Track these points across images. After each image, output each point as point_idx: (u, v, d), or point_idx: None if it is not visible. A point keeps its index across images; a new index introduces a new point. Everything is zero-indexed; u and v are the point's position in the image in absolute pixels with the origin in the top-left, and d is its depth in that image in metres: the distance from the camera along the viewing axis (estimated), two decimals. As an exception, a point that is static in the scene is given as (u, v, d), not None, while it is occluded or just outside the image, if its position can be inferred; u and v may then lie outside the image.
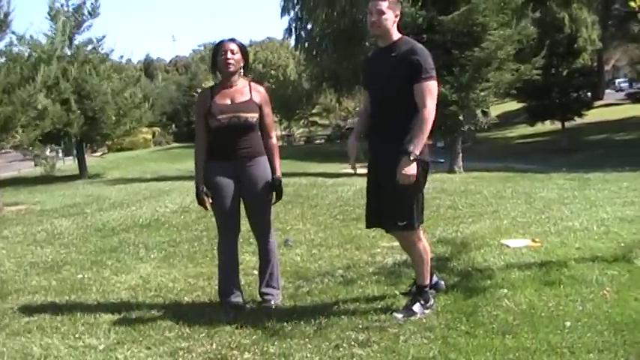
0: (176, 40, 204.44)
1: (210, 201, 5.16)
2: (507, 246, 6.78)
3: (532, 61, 20.36)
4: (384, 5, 4.64)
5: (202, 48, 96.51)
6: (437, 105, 4.60)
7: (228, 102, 5.08)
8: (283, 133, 68.17)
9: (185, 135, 63.41)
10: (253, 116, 5.08)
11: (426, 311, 4.69)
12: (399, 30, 4.80)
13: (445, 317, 4.58)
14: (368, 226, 5.17)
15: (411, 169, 4.43)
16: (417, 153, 4.45)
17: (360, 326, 4.49)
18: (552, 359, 3.78)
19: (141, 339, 4.54)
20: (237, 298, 5.24)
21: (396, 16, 4.71)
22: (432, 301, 4.80)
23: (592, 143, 36.25)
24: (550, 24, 31.73)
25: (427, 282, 4.86)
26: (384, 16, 4.65)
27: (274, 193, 5.25)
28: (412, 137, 4.47)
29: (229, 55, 5.05)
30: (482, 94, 19.67)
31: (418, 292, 4.82)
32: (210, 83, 5.60)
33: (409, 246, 4.88)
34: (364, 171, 4.98)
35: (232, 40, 5.15)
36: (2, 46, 16.25)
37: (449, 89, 18.12)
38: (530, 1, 21.24)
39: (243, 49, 5.17)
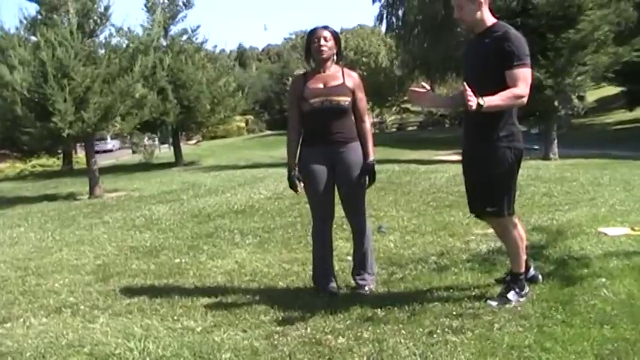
0: (268, 29, 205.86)
1: (302, 185, 5.21)
2: (605, 234, 6.63)
3: (631, 43, 19.66)
4: None
5: (294, 36, 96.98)
6: (530, 91, 4.50)
7: (321, 86, 5.10)
8: (375, 120, 67.99)
9: (278, 122, 64.09)
10: (346, 100, 5.08)
11: (521, 299, 4.63)
12: (493, 14, 4.73)
13: (541, 306, 4.52)
14: (471, 211, 5.12)
15: (470, 102, 4.20)
16: (486, 105, 4.25)
17: (454, 313, 4.47)
18: (653, 351, 3.67)
19: (237, 322, 4.63)
20: (331, 284, 5.29)
21: (479, 5, 4.58)
22: (527, 289, 4.74)
23: (695, 128, 34.90)
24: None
25: (522, 270, 4.79)
26: (463, 11, 4.62)
27: (367, 178, 5.24)
28: (494, 97, 4.32)
29: (322, 42, 5.07)
30: (578, 78, 19.16)
31: (513, 280, 4.76)
32: (302, 71, 5.61)
33: (503, 232, 4.82)
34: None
35: (325, 27, 5.16)
36: (102, 38, 16.78)
37: (544, 74, 17.71)
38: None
39: (335, 36, 5.18)
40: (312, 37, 5.15)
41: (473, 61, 4.77)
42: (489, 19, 4.66)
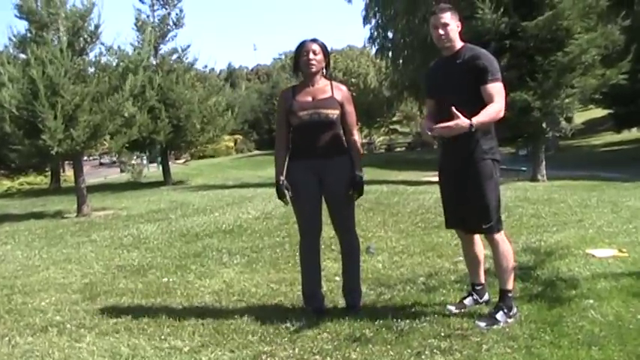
0: (257, 49, 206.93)
1: (290, 194, 5.17)
2: (593, 256, 6.65)
3: (618, 66, 19.81)
4: (447, 17, 4.75)
5: (283, 56, 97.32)
6: (519, 112, 4.61)
7: (310, 99, 5.10)
8: (364, 140, 68.17)
9: (267, 142, 64.13)
10: (334, 113, 5.07)
11: (509, 320, 4.64)
12: (460, 37, 4.87)
13: (529, 327, 4.52)
14: (447, 227, 5.23)
15: (460, 127, 4.42)
16: (477, 124, 4.45)
17: (442, 334, 4.47)
18: (641, 372, 3.68)
19: (224, 342, 4.62)
20: (319, 303, 5.29)
21: (457, 26, 4.80)
22: (515, 310, 4.75)
23: (682, 151, 35.07)
24: (638, 29, 30.71)
25: (510, 286, 4.82)
26: (449, 27, 4.75)
27: (355, 190, 5.21)
28: (479, 115, 4.48)
29: (311, 55, 5.07)
30: (566, 100, 19.26)
31: (501, 299, 4.78)
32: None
33: (493, 247, 4.83)
34: (435, 179, 4.97)
35: (314, 40, 5.15)
36: (92, 56, 16.80)
37: (532, 96, 17.78)
38: (616, 6, 20.66)
39: (324, 49, 5.17)
40: (300, 50, 5.14)
41: (449, 82, 4.86)
42: (459, 42, 4.84)
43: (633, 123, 36.97)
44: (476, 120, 4.43)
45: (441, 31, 4.75)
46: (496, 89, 4.63)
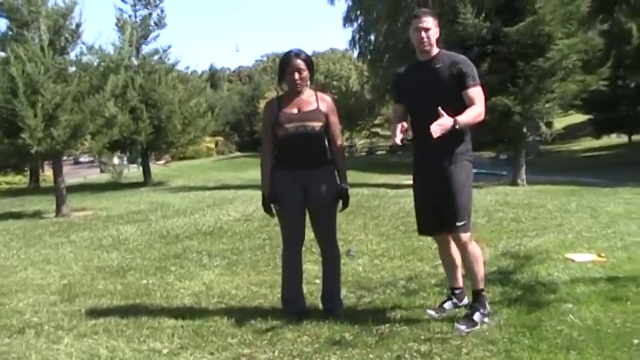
0: (239, 51, 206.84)
1: (277, 208, 5.20)
2: (572, 260, 6.69)
3: (598, 72, 19.94)
4: (429, 21, 4.80)
5: (265, 59, 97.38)
6: (500, 117, 4.66)
7: (295, 111, 5.10)
8: (345, 143, 68.22)
9: (248, 144, 64.06)
10: (319, 125, 5.09)
11: (486, 320, 4.67)
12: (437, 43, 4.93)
13: (508, 331, 4.54)
14: (420, 233, 5.26)
15: (445, 125, 4.44)
16: (461, 123, 4.51)
17: (422, 337, 4.47)
18: (619, 376, 3.70)
19: (204, 344, 4.60)
20: (299, 306, 5.28)
21: (437, 32, 4.84)
22: (488, 308, 4.80)
23: (660, 157, 35.34)
24: (617, 35, 30.94)
25: (483, 286, 4.86)
26: (430, 32, 4.79)
27: (341, 202, 5.25)
28: (462, 115, 4.57)
29: (296, 75, 5.05)
30: (546, 105, 19.34)
31: (475, 299, 4.82)
32: (273, 93, 5.61)
33: (463, 248, 4.86)
34: (409, 182, 4.99)
35: (298, 54, 5.10)
36: (73, 55, 16.66)
37: (512, 100, 17.84)
38: (597, 12, 20.79)
39: (308, 63, 5.14)
40: (286, 67, 5.10)
41: (426, 86, 4.87)
42: (436, 47, 4.88)
43: (613, 129, 37.31)
44: (460, 119, 4.50)
45: (424, 35, 4.76)
46: (476, 93, 4.72)
